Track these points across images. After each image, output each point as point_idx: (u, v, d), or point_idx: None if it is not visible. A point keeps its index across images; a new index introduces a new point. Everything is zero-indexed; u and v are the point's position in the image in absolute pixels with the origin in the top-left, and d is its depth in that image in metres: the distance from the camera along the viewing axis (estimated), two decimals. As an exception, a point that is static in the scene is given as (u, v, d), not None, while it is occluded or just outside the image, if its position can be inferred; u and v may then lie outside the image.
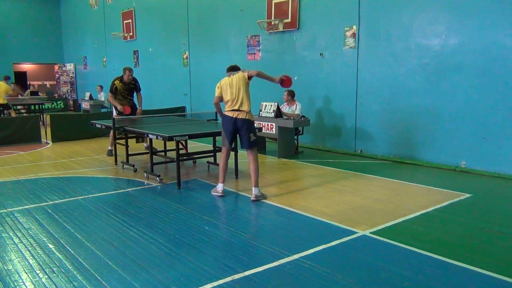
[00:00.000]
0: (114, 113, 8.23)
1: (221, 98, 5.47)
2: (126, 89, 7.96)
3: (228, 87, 5.35)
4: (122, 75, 7.93)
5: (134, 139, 7.84)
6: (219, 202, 5.35)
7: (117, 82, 7.89)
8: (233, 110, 5.32)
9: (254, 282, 3.20)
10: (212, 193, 5.59)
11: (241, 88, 5.31)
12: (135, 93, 8.28)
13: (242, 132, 5.35)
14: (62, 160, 8.08)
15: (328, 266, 3.43)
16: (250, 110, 5.38)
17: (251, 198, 5.30)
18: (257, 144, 5.52)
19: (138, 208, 5.11)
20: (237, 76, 5.35)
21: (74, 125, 10.67)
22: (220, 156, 5.63)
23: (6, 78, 13.05)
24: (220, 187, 5.53)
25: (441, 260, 3.55)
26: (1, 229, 4.42)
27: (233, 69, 5.56)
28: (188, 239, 4.07)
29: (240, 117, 5.30)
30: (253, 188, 5.34)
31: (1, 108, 12.69)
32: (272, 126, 8.09)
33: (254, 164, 5.33)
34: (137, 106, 8.34)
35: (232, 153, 6.59)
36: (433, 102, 7.16)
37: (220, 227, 4.41)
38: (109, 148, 8.40)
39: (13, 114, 12.65)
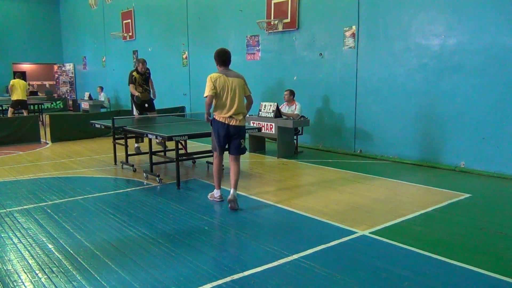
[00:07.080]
0: (135, 112, 8.58)
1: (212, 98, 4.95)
2: (143, 78, 8.52)
3: (225, 91, 4.94)
4: (136, 67, 8.47)
5: (133, 139, 7.85)
6: (218, 203, 5.34)
7: (135, 73, 8.43)
8: (229, 116, 4.95)
9: (254, 282, 3.20)
10: (209, 199, 5.37)
11: (240, 94, 5.02)
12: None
13: (233, 139, 5.06)
14: (61, 160, 8.07)
15: (327, 266, 3.43)
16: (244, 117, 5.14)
17: (229, 198, 4.96)
18: (245, 151, 5.22)
19: (137, 208, 5.10)
20: (238, 82, 4.99)
21: (73, 125, 10.68)
22: (214, 162, 5.29)
23: (19, 76, 13.27)
24: (217, 193, 5.29)
25: (440, 260, 3.55)
26: (1, 229, 4.41)
27: (227, 61, 5.06)
28: (187, 239, 4.07)
29: (233, 124, 4.99)
30: (233, 190, 5.01)
31: (19, 107, 12.72)
32: (271, 126, 8.09)
33: (238, 167, 5.11)
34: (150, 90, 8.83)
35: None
36: (433, 102, 7.16)
37: (220, 227, 4.40)
38: (136, 145, 8.41)
39: (9, 114, 12.61)
